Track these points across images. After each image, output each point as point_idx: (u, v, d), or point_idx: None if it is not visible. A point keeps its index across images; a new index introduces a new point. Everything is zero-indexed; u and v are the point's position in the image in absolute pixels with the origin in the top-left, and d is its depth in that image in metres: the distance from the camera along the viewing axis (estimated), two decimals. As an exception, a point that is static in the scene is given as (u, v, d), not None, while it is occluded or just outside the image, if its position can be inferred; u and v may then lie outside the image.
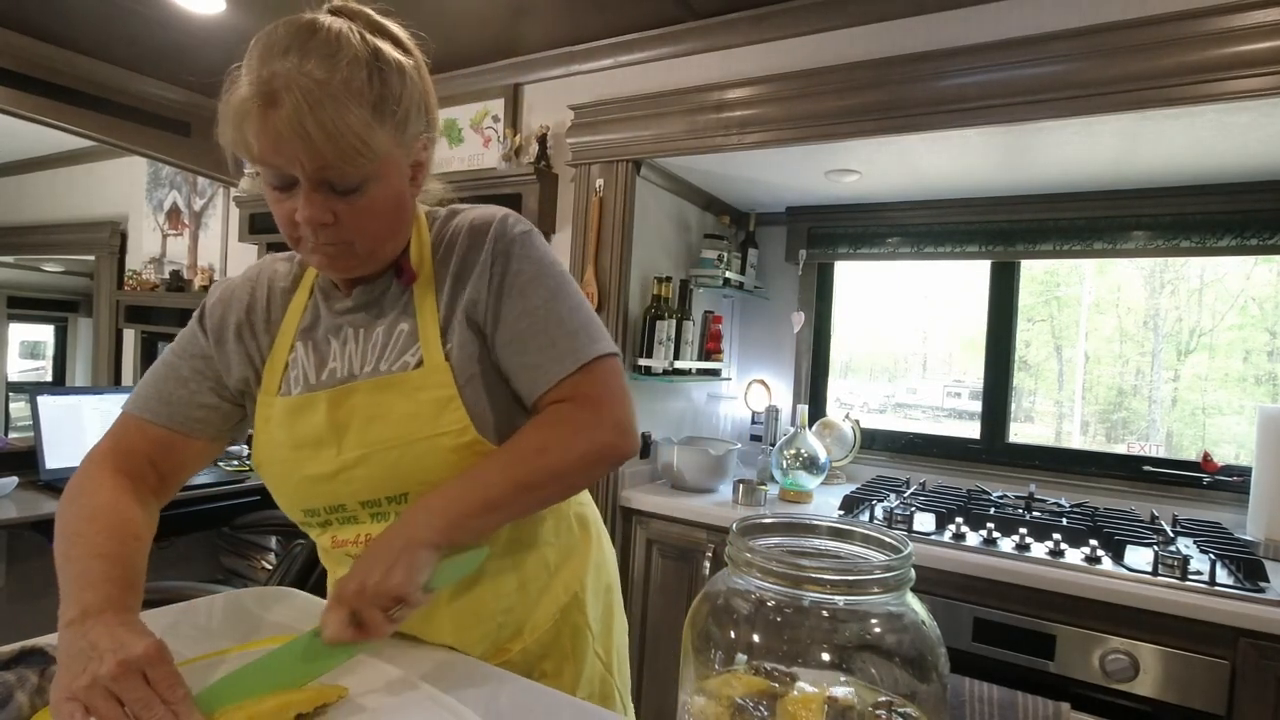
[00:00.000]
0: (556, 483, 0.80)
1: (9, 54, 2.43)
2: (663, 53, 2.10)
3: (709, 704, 0.59)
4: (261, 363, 0.88)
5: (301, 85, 0.68)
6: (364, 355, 0.84)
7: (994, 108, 1.61)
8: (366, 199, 0.75)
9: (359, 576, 0.70)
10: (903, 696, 0.57)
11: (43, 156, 4.19)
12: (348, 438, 0.81)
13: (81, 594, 0.67)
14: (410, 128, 0.78)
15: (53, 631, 0.80)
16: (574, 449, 0.79)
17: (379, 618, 0.69)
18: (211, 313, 0.90)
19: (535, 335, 0.81)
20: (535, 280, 0.83)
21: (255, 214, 3.11)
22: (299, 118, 0.68)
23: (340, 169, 0.71)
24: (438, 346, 0.81)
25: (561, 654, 0.91)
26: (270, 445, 0.85)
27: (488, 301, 0.82)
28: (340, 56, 0.71)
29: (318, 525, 0.86)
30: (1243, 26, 1.39)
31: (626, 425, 0.82)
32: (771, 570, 0.57)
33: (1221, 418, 2.18)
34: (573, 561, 0.95)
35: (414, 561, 0.71)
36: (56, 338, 4.95)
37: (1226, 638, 1.36)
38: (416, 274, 0.84)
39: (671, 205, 2.38)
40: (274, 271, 0.92)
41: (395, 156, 0.77)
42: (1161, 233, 2.05)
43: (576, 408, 0.81)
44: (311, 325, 0.88)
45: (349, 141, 0.70)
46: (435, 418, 0.79)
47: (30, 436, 2.31)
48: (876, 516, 1.83)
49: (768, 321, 2.69)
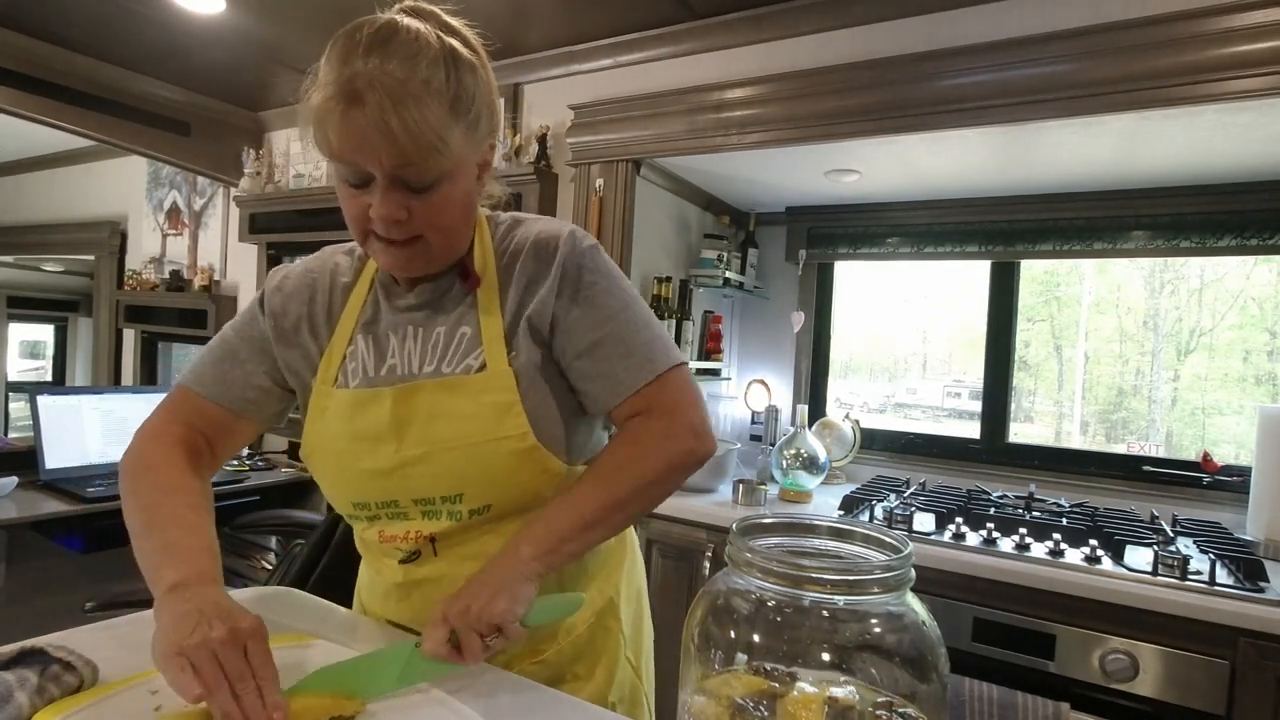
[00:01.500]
0: (643, 495, 0.83)
1: (9, 54, 2.43)
2: (663, 53, 2.10)
3: (709, 704, 0.59)
4: (319, 353, 0.89)
5: (385, 84, 0.70)
6: (424, 354, 0.85)
7: (994, 108, 1.61)
8: (439, 196, 0.77)
9: (465, 599, 0.72)
10: (903, 696, 0.57)
11: (43, 156, 4.19)
12: (409, 435, 0.81)
13: (176, 563, 0.72)
14: (481, 127, 0.79)
15: (52, 631, 0.80)
16: (656, 460, 0.82)
17: (477, 643, 0.72)
18: (270, 299, 0.92)
19: (611, 346, 0.84)
20: (608, 292, 0.85)
21: (255, 214, 3.10)
22: (383, 115, 0.70)
23: (418, 166, 0.73)
24: (502, 352, 0.82)
25: (594, 657, 0.91)
26: (326, 436, 0.86)
27: (556, 312, 0.84)
28: (420, 57, 0.72)
29: (366, 519, 0.87)
30: (1243, 26, 1.39)
31: (701, 429, 0.84)
32: (771, 570, 0.57)
33: (1221, 418, 2.18)
34: (609, 566, 0.96)
35: (516, 593, 0.73)
36: (56, 338, 4.95)
37: (1226, 638, 1.36)
38: (480, 278, 0.85)
39: (671, 205, 2.38)
40: (335, 264, 0.94)
41: (466, 155, 0.78)
42: (1161, 233, 2.05)
43: (652, 420, 0.83)
44: (372, 319, 0.89)
45: (429, 139, 0.71)
46: (497, 422, 0.80)
47: (30, 436, 2.31)
48: (876, 516, 1.83)
49: (768, 321, 2.69)
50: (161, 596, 0.70)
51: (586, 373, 0.84)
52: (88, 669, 0.70)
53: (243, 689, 0.62)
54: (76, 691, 0.68)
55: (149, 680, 0.70)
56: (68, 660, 0.69)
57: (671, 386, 0.84)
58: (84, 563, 2.50)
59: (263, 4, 2.11)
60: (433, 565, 0.85)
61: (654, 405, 0.84)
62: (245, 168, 3.10)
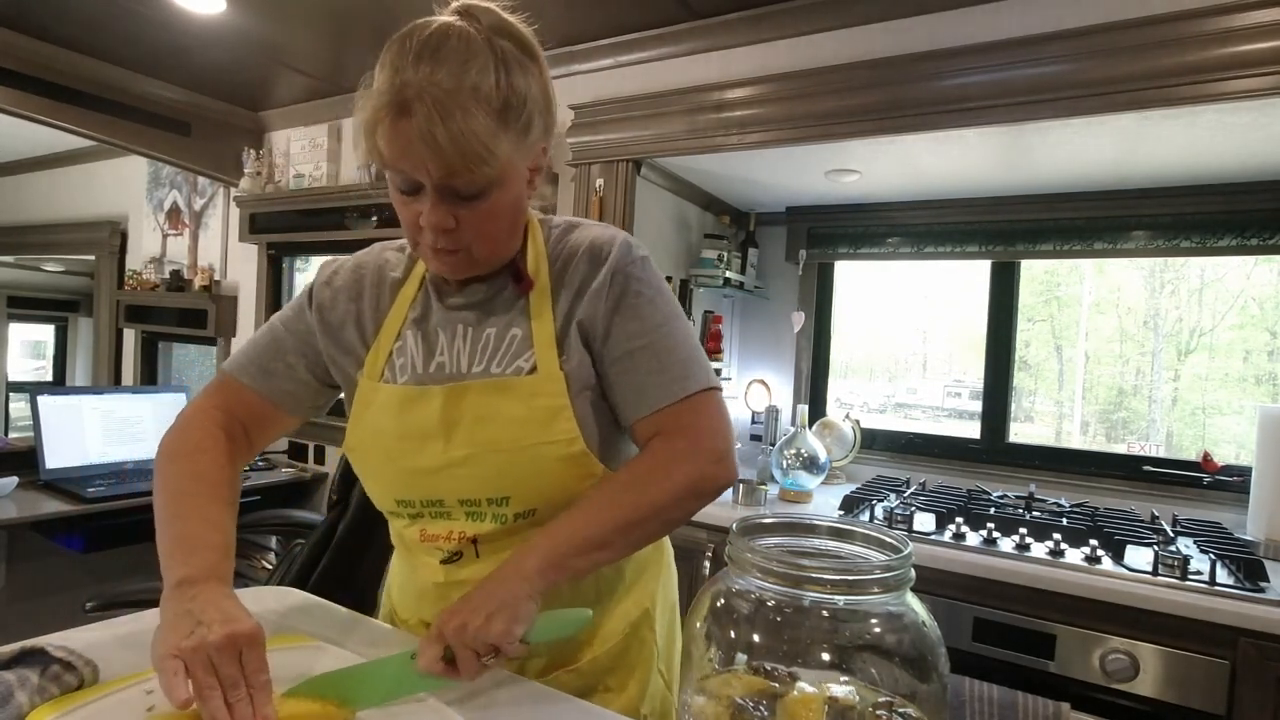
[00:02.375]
0: (657, 517, 0.80)
1: (9, 54, 2.43)
2: (663, 53, 2.10)
3: (709, 704, 0.59)
4: (365, 348, 0.89)
5: (433, 95, 0.70)
6: (473, 354, 0.85)
7: (994, 108, 1.61)
8: (488, 205, 0.77)
9: (463, 616, 0.70)
10: (903, 696, 0.57)
11: (43, 156, 4.19)
12: (457, 435, 0.81)
13: (188, 558, 0.73)
14: (533, 133, 0.78)
15: (52, 631, 0.80)
16: (672, 482, 0.79)
17: (473, 662, 0.70)
18: (319, 293, 0.92)
19: (646, 358, 0.83)
20: (652, 304, 0.84)
21: (255, 214, 3.11)
22: (429, 127, 0.70)
23: (466, 176, 0.73)
24: (553, 356, 0.82)
25: (628, 669, 0.90)
26: (371, 431, 0.86)
27: (602, 318, 0.83)
28: (470, 65, 0.72)
29: (408, 516, 0.87)
30: (1243, 26, 1.39)
31: (725, 455, 0.82)
32: (771, 570, 0.57)
33: (1221, 418, 2.18)
34: (646, 577, 0.95)
35: (516, 612, 0.71)
36: (56, 337, 4.95)
37: (1226, 638, 1.36)
38: (533, 282, 0.85)
39: (671, 205, 2.38)
40: (385, 259, 0.94)
41: (516, 162, 0.78)
42: (1161, 233, 2.05)
43: (672, 440, 0.81)
44: (422, 316, 0.88)
45: (475, 150, 0.71)
46: (546, 425, 0.80)
47: (30, 436, 2.31)
48: (876, 516, 1.83)
49: (768, 321, 2.69)
50: (168, 591, 0.71)
51: (617, 382, 0.84)
52: (88, 669, 0.70)
53: (235, 697, 0.62)
54: (76, 691, 0.68)
55: (147, 680, 0.70)
56: (68, 660, 0.69)
57: (700, 409, 0.83)
58: (84, 563, 2.50)
59: (263, 4, 2.11)
60: (475, 567, 0.84)
61: (679, 425, 0.82)
62: (245, 168, 3.10)
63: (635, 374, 0.83)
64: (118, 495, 2.15)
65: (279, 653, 0.77)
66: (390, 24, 0.79)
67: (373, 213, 2.70)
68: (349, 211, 2.77)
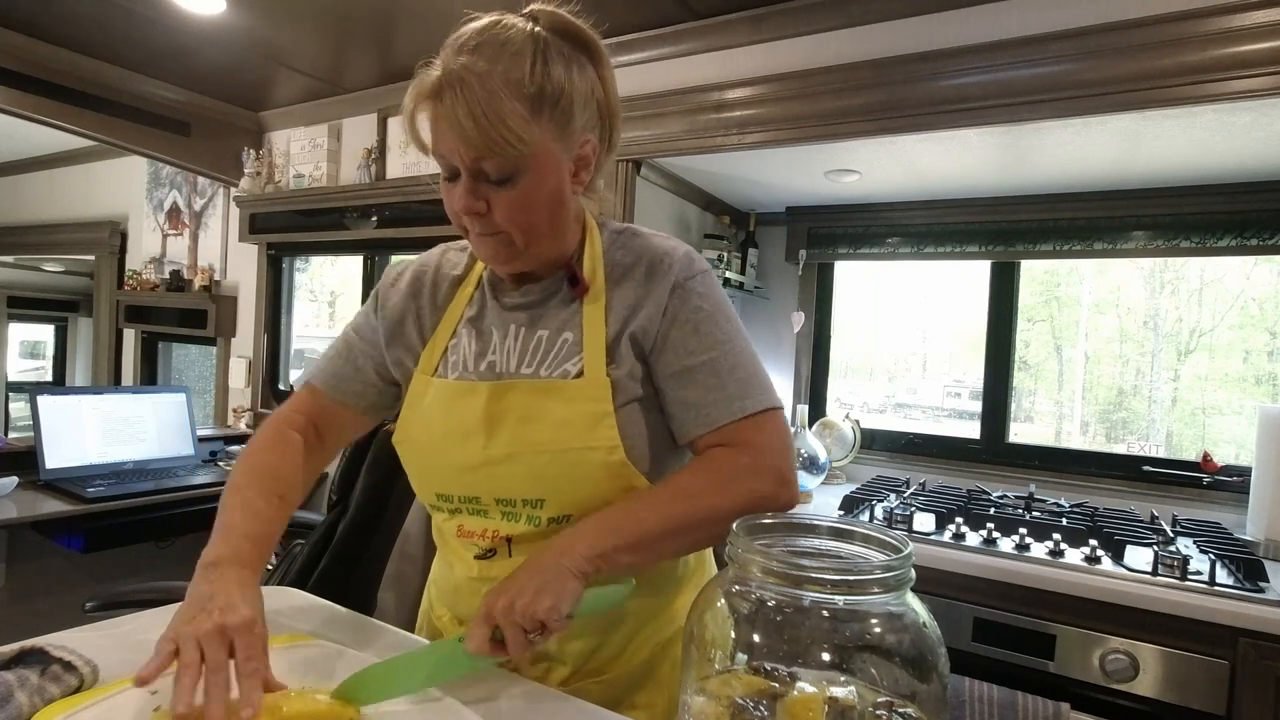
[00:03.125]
0: (710, 527, 0.78)
1: (9, 54, 2.43)
2: (663, 53, 2.10)
3: (709, 704, 0.59)
4: (422, 344, 0.91)
5: (463, 79, 0.72)
6: (524, 354, 0.85)
7: (994, 108, 1.61)
8: (518, 190, 0.77)
9: (510, 595, 0.70)
10: (903, 697, 0.57)
11: (43, 156, 4.19)
12: (499, 434, 0.81)
13: (220, 541, 0.77)
14: (574, 124, 0.79)
15: (52, 631, 0.80)
16: (731, 495, 0.77)
17: (520, 638, 0.69)
18: (385, 295, 0.96)
19: (705, 375, 0.82)
20: (712, 319, 0.83)
21: (255, 214, 3.11)
22: (454, 109, 0.72)
23: (494, 160, 0.74)
24: (601, 362, 0.82)
25: (657, 686, 0.89)
26: (419, 424, 0.87)
27: (659, 330, 0.83)
28: (505, 50, 0.74)
29: (447, 511, 0.87)
30: (1243, 26, 1.39)
31: (787, 476, 0.80)
32: (771, 570, 0.57)
33: (1221, 418, 2.18)
34: (684, 593, 0.93)
35: (562, 589, 0.70)
36: (56, 338, 4.95)
37: (1226, 638, 1.36)
38: (588, 286, 0.85)
39: (671, 205, 2.38)
40: (445, 259, 0.96)
41: (553, 151, 0.78)
42: (1161, 233, 2.05)
43: (737, 453, 0.80)
44: (478, 315, 0.90)
45: (499, 132, 0.72)
46: (588, 431, 0.80)
47: (30, 436, 2.31)
48: (876, 516, 1.83)
49: (768, 321, 2.69)
50: (195, 573, 0.74)
51: (676, 398, 0.83)
52: (88, 669, 0.70)
53: (212, 681, 0.62)
54: (76, 691, 0.68)
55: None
56: (68, 660, 0.69)
57: (763, 427, 0.82)
58: (84, 563, 2.50)
59: (263, 4, 2.11)
60: (508, 563, 0.84)
61: (741, 442, 0.81)
62: (245, 168, 3.10)
63: (694, 391, 0.82)
64: (118, 495, 2.15)
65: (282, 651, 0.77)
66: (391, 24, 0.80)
67: (373, 213, 2.69)
68: (349, 211, 2.77)
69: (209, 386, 3.51)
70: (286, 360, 3.28)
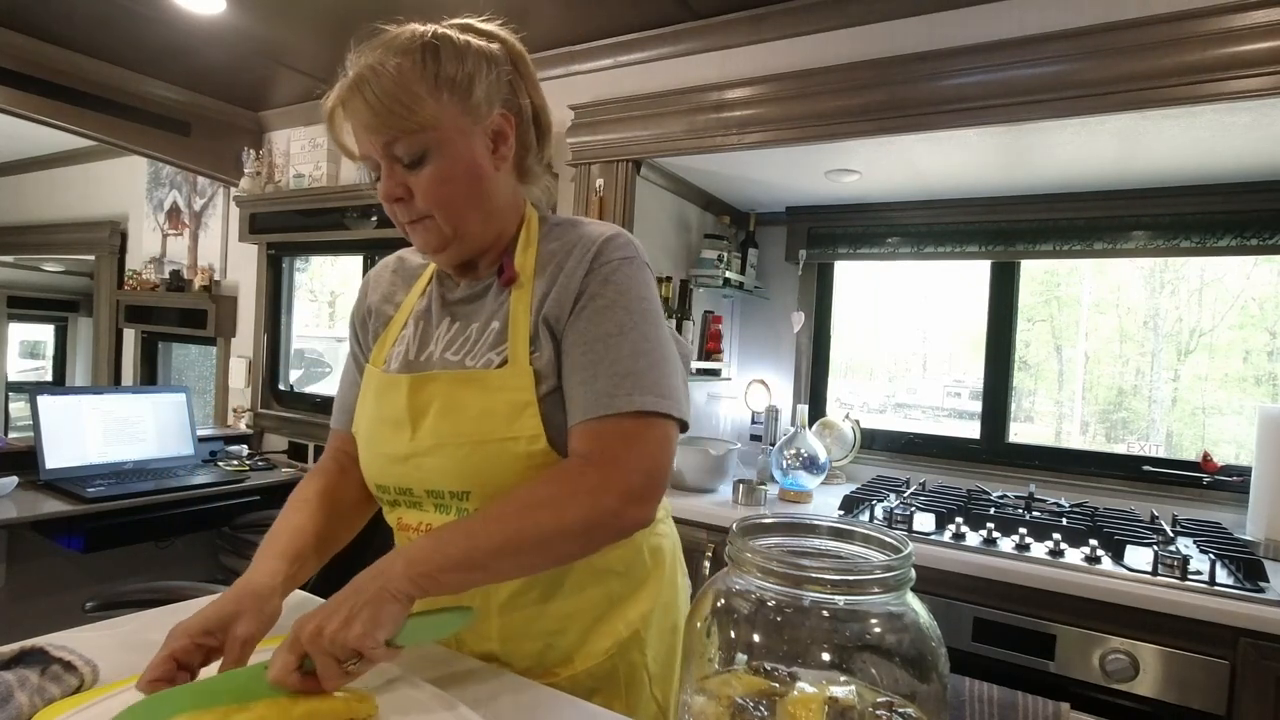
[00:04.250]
0: (545, 548, 0.73)
1: (9, 54, 2.43)
2: (663, 53, 2.10)
3: (709, 704, 0.59)
4: (374, 339, 0.95)
5: (361, 75, 0.76)
6: (451, 344, 0.86)
7: (994, 108, 1.61)
8: (432, 169, 0.79)
9: (319, 620, 0.65)
10: (903, 696, 0.57)
11: (43, 156, 4.19)
12: (423, 425, 0.82)
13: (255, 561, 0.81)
14: (475, 97, 0.80)
15: (52, 631, 0.80)
16: (569, 513, 0.72)
17: (333, 669, 0.64)
18: (354, 312, 1.01)
19: (585, 366, 0.78)
20: (608, 310, 0.79)
21: (255, 214, 3.10)
22: (356, 94, 0.76)
23: (401, 141, 0.77)
24: (524, 351, 0.81)
25: (614, 690, 0.87)
26: (362, 416, 0.90)
27: (566, 316, 0.81)
28: (394, 43, 0.78)
29: (387, 503, 0.88)
30: (1243, 26, 1.39)
31: (639, 492, 0.74)
32: (771, 570, 0.57)
33: (1221, 418, 2.18)
34: (639, 597, 0.90)
35: (378, 614, 0.65)
36: (56, 338, 4.95)
37: (1226, 638, 1.36)
38: (517, 275, 0.85)
39: (671, 205, 2.38)
40: (403, 259, 1.01)
41: (460, 125, 0.79)
42: (1161, 233, 2.05)
43: (586, 466, 0.75)
44: (426, 309, 0.92)
45: (398, 111, 0.75)
46: (510, 421, 0.78)
47: (30, 436, 2.31)
48: (876, 516, 1.83)
49: (768, 321, 2.69)
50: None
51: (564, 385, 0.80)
52: (88, 669, 0.70)
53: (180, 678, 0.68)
54: (77, 691, 0.68)
55: (149, 680, 0.70)
56: (68, 660, 0.69)
57: (631, 435, 0.75)
58: (84, 563, 2.50)
59: (263, 4, 2.11)
60: None
61: (600, 448, 0.75)
62: (245, 168, 3.10)
63: (572, 382, 0.79)
64: (118, 495, 2.15)
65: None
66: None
67: (372, 212, 2.69)
68: (349, 211, 2.77)
69: (209, 386, 3.51)
70: (286, 360, 3.28)
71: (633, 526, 0.75)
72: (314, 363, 3.50)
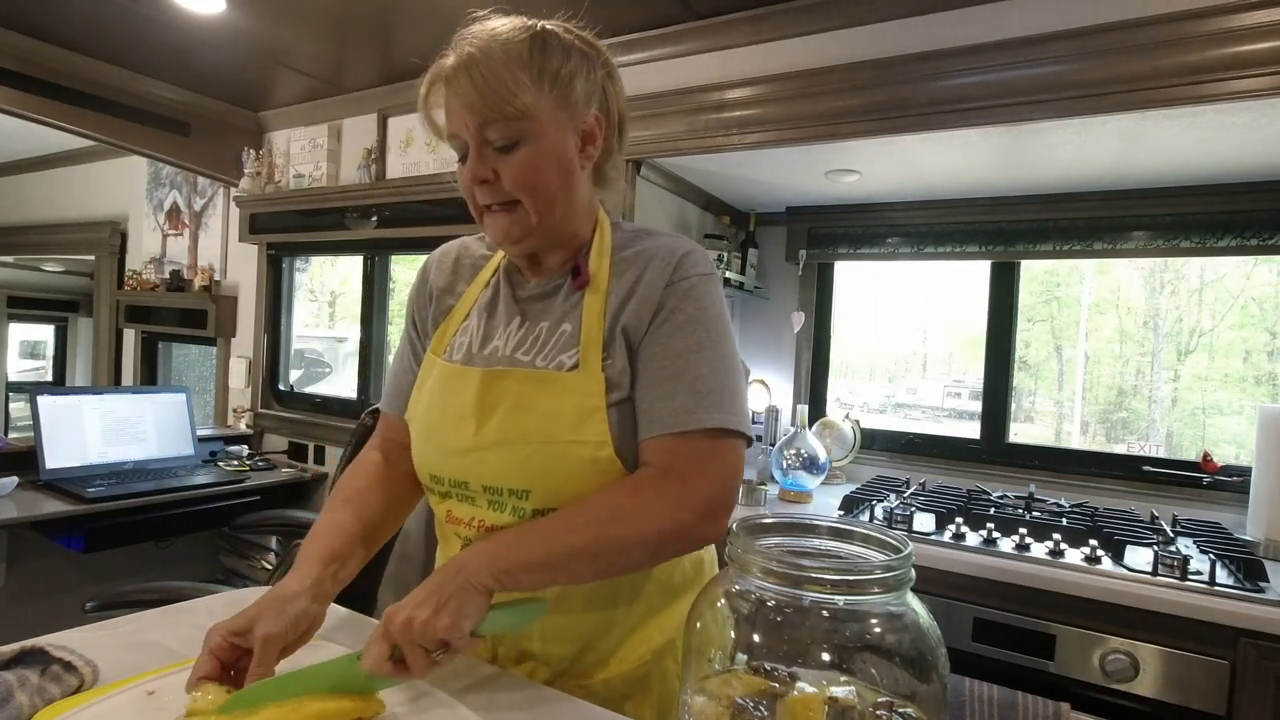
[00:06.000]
0: (620, 556, 0.76)
1: (9, 54, 2.43)
2: (663, 53, 2.10)
3: (709, 704, 0.59)
4: (435, 326, 0.95)
5: (471, 56, 0.78)
6: (523, 344, 0.86)
7: (994, 108, 1.61)
8: (523, 156, 0.80)
9: (408, 610, 0.68)
10: (903, 696, 0.57)
11: (43, 156, 4.19)
12: (490, 420, 0.82)
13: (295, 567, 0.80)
14: (575, 93, 0.82)
15: (52, 631, 0.80)
16: (647, 523, 0.74)
17: (422, 658, 0.67)
18: (410, 300, 1.00)
19: (664, 380, 0.80)
20: (688, 326, 0.81)
21: (255, 214, 3.11)
22: (457, 75, 0.78)
23: (497, 124, 0.78)
24: (596, 356, 0.81)
25: (646, 697, 0.87)
26: (421, 404, 0.90)
27: (644, 329, 0.82)
28: (503, 31, 0.80)
29: (439, 494, 0.88)
30: (1243, 26, 1.39)
31: (713, 508, 0.76)
32: (771, 570, 0.57)
33: (1221, 418, 2.18)
34: (678, 604, 0.90)
35: (464, 606, 0.69)
36: (56, 338, 4.95)
37: (1226, 638, 1.36)
38: (591, 279, 0.85)
39: (671, 205, 2.38)
40: (466, 247, 1.00)
41: (557, 120, 0.81)
42: (1161, 233, 2.05)
43: (664, 479, 0.77)
44: (490, 301, 0.92)
45: (500, 95, 0.77)
46: (577, 424, 0.79)
47: (30, 436, 2.31)
48: (876, 516, 1.83)
49: (768, 321, 2.69)
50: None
51: (638, 397, 0.81)
52: (88, 669, 0.70)
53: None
54: (77, 691, 0.68)
55: (148, 680, 0.71)
56: (68, 660, 0.69)
57: (706, 452, 0.77)
58: (84, 563, 2.50)
59: (263, 4, 2.11)
60: None
61: (677, 463, 0.77)
62: (245, 168, 3.10)
63: (649, 395, 0.80)
64: (118, 495, 2.15)
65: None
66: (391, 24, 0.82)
67: (372, 213, 2.69)
68: (349, 211, 2.77)
69: (209, 386, 3.51)
70: (286, 360, 3.28)
71: (704, 541, 0.78)
72: (314, 363, 3.49)
